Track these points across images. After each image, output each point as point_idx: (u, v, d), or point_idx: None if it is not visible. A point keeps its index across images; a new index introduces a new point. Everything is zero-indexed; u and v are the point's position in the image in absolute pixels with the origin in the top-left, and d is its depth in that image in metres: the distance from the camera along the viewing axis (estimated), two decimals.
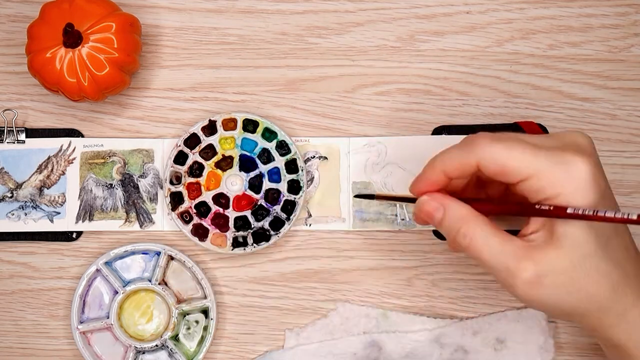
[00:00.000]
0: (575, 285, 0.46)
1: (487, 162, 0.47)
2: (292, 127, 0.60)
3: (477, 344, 0.58)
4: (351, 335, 0.59)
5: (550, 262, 0.45)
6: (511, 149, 0.46)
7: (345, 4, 0.61)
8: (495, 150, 0.46)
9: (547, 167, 0.45)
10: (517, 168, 0.46)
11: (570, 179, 0.45)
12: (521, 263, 0.45)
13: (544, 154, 0.46)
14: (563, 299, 0.46)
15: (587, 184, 0.45)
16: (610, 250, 0.46)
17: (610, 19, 0.60)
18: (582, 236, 0.46)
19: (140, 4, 0.61)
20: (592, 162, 0.46)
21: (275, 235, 0.58)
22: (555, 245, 0.46)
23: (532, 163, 0.46)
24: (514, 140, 0.47)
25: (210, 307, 0.58)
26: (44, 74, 0.55)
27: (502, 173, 0.47)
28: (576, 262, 0.45)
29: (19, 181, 0.60)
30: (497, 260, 0.46)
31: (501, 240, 0.46)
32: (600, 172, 0.47)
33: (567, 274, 0.45)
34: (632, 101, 0.60)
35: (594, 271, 0.46)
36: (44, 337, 0.60)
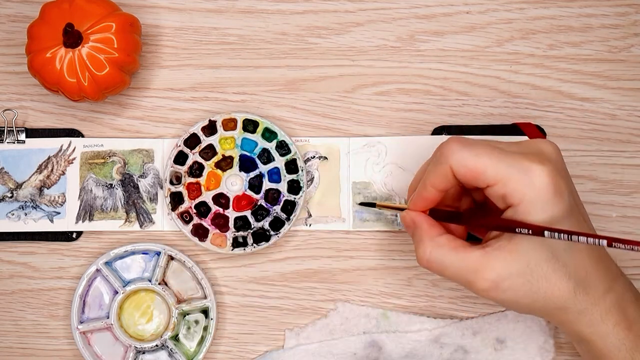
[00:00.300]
0: (533, 286, 0.47)
1: (457, 167, 0.48)
2: (292, 127, 0.60)
3: (477, 344, 0.58)
4: (351, 335, 0.59)
5: (507, 267, 0.47)
6: (478, 155, 0.48)
7: (345, 4, 0.61)
8: (464, 154, 0.48)
9: (511, 174, 0.47)
10: (483, 173, 0.47)
11: (531, 186, 0.47)
12: (477, 275, 0.48)
13: (509, 161, 0.47)
14: (523, 299, 0.48)
15: (549, 194, 0.46)
16: (571, 252, 0.48)
17: (610, 19, 0.60)
18: (539, 241, 0.47)
19: (140, 4, 0.61)
20: (553, 171, 0.47)
21: (275, 235, 0.58)
22: (513, 249, 0.47)
23: (498, 169, 0.47)
24: (482, 146, 0.48)
25: (210, 307, 0.58)
26: (44, 74, 0.55)
27: (471, 178, 0.48)
28: (533, 265, 0.47)
29: (19, 181, 0.60)
30: (457, 275, 0.49)
31: (458, 256, 0.48)
32: (563, 181, 0.47)
33: (524, 276, 0.47)
34: (632, 101, 0.60)
35: (551, 274, 0.47)
36: (44, 337, 0.60)
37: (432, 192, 0.50)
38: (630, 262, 0.59)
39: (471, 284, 0.48)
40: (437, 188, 0.50)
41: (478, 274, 0.47)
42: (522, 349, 0.58)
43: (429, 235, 0.50)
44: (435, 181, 0.50)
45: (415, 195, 0.52)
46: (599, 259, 0.49)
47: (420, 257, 0.50)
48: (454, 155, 0.48)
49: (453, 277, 0.49)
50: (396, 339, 0.59)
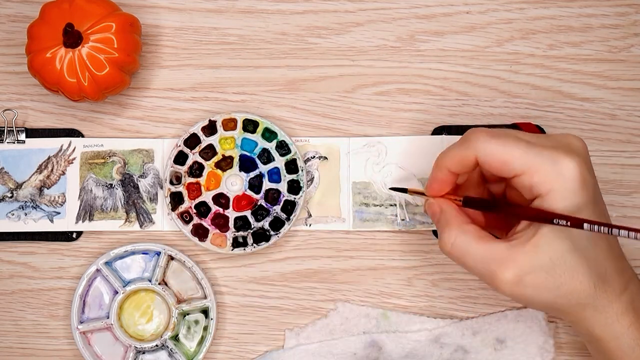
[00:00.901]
0: (555, 282, 0.47)
1: (484, 157, 0.48)
2: (292, 127, 0.60)
3: (477, 344, 0.58)
4: (351, 335, 0.59)
5: (530, 261, 0.47)
6: (506, 145, 0.48)
7: (345, 4, 0.61)
8: (492, 145, 0.48)
9: (540, 165, 0.47)
10: (511, 163, 0.48)
11: (560, 177, 0.47)
12: (501, 266, 0.47)
13: (537, 152, 0.47)
14: (543, 295, 0.48)
15: (576, 184, 0.47)
16: (592, 248, 0.48)
17: (610, 19, 0.60)
18: (562, 235, 0.47)
19: (140, 4, 0.61)
20: (582, 164, 0.47)
21: (275, 235, 0.58)
22: (537, 244, 0.47)
23: (526, 159, 0.47)
24: (510, 136, 0.48)
25: (210, 307, 0.58)
26: (44, 74, 0.55)
27: (498, 168, 0.48)
28: (555, 260, 0.47)
29: (19, 181, 0.60)
30: (479, 266, 0.48)
31: (483, 246, 0.48)
32: (590, 174, 0.48)
33: (547, 271, 0.47)
34: (632, 101, 0.60)
35: (574, 269, 0.47)
36: (44, 337, 0.60)
37: (446, 174, 0.51)
38: (631, 262, 0.59)
39: (493, 275, 0.47)
40: (451, 170, 0.50)
41: (502, 265, 0.47)
42: (522, 349, 0.58)
43: (457, 221, 0.50)
44: (452, 164, 0.50)
45: (430, 179, 0.52)
46: (617, 258, 0.49)
47: (445, 242, 0.49)
48: (481, 145, 0.48)
49: (474, 266, 0.49)
50: (396, 339, 0.59)
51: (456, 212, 0.51)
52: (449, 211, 0.51)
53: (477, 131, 0.49)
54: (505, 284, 0.47)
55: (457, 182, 0.52)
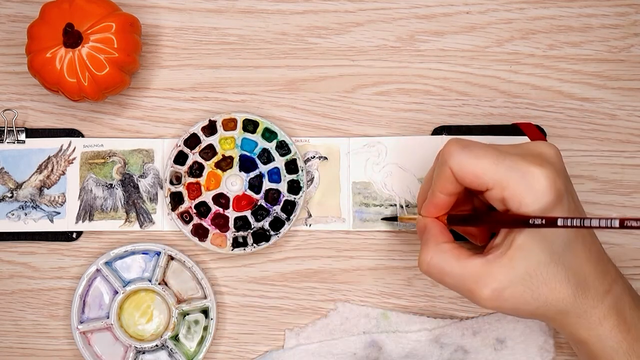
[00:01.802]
0: (534, 293, 0.47)
1: (457, 170, 0.48)
2: (292, 127, 0.60)
3: (477, 344, 0.58)
4: (351, 335, 0.59)
5: (506, 275, 0.47)
6: (477, 157, 0.47)
7: (345, 4, 0.61)
8: (463, 157, 0.48)
9: (509, 178, 0.47)
10: (482, 176, 0.47)
11: (529, 189, 0.46)
12: (479, 284, 0.47)
13: (508, 164, 0.47)
14: (524, 307, 0.48)
15: (545, 194, 0.46)
16: (570, 255, 0.48)
17: (610, 19, 0.60)
18: (537, 246, 0.47)
19: (140, 4, 0.61)
20: (553, 174, 0.46)
21: (275, 236, 0.58)
22: (512, 257, 0.47)
23: (496, 173, 0.47)
24: (481, 148, 0.48)
25: (210, 307, 0.58)
26: (44, 74, 0.55)
27: (470, 181, 0.48)
28: (532, 271, 0.47)
29: (19, 181, 0.60)
30: (457, 284, 0.48)
31: (459, 264, 0.48)
32: (563, 183, 0.47)
33: (525, 283, 0.47)
34: (632, 101, 0.60)
35: (551, 279, 0.47)
36: (44, 337, 0.60)
37: (441, 198, 0.50)
38: (631, 262, 0.59)
39: (472, 292, 0.48)
40: (445, 193, 0.50)
41: (479, 282, 0.47)
42: (522, 349, 0.58)
43: (435, 241, 0.50)
44: (441, 186, 0.50)
45: (427, 202, 0.52)
46: (598, 260, 0.49)
47: (422, 260, 0.50)
48: (453, 158, 0.48)
49: (453, 284, 0.49)
50: (396, 339, 0.59)
51: (437, 231, 0.51)
52: (431, 230, 0.51)
53: (450, 143, 0.49)
54: (484, 300, 0.47)
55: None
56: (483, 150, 0.48)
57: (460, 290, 0.49)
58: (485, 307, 0.48)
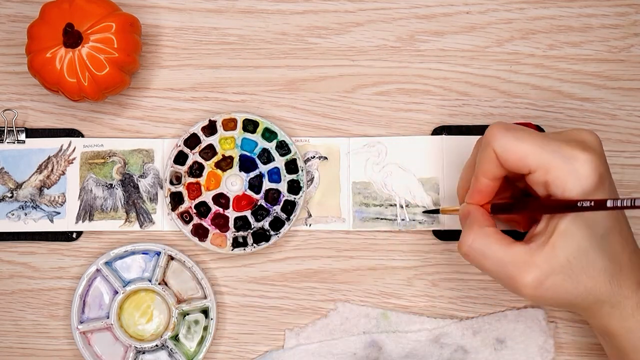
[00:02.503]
0: (574, 281, 0.47)
1: (501, 151, 0.48)
2: (292, 127, 0.60)
3: (477, 344, 0.58)
4: (351, 335, 0.59)
5: (549, 263, 0.47)
6: (522, 140, 0.47)
7: (345, 4, 0.61)
8: (507, 140, 0.48)
9: (553, 161, 0.47)
10: (526, 158, 0.47)
11: (574, 174, 0.46)
12: (521, 270, 0.47)
13: (552, 148, 0.47)
14: (563, 296, 0.48)
15: (589, 180, 0.46)
16: (607, 244, 0.48)
17: (610, 19, 0.60)
18: (578, 232, 0.47)
19: (140, 4, 0.61)
20: (597, 159, 0.47)
21: (275, 235, 0.58)
22: (554, 245, 0.47)
23: (540, 155, 0.47)
24: (525, 132, 0.48)
25: (210, 307, 0.58)
26: (44, 74, 0.55)
27: (514, 163, 0.48)
28: (572, 258, 0.47)
29: (19, 181, 0.60)
30: (498, 269, 0.48)
31: (502, 249, 0.48)
32: (605, 170, 0.48)
33: (565, 271, 0.47)
34: (632, 101, 0.60)
35: (590, 266, 0.47)
36: (44, 337, 0.60)
37: (485, 183, 0.50)
38: None
39: (513, 279, 0.47)
40: (488, 177, 0.50)
41: (521, 269, 0.47)
42: (522, 349, 0.58)
43: (478, 224, 0.50)
44: (485, 169, 0.50)
45: (471, 189, 0.51)
46: (633, 251, 0.49)
47: (463, 242, 0.49)
48: (497, 140, 0.48)
49: (493, 269, 0.48)
50: (396, 339, 0.59)
51: (480, 215, 0.50)
52: (475, 214, 0.51)
53: (494, 126, 0.49)
54: (526, 288, 0.47)
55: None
56: (527, 133, 0.48)
57: (499, 276, 0.48)
58: (525, 295, 0.48)
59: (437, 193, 0.59)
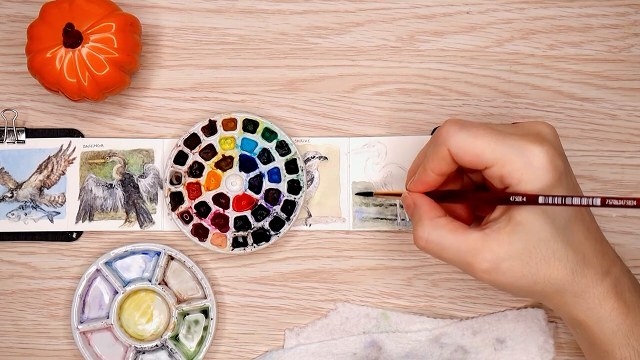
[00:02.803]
0: (532, 269, 0.47)
1: (455, 150, 0.48)
2: (292, 127, 0.60)
3: (477, 344, 0.58)
4: (351, 335, 0.59)
5: (505, 249, 0.47)
6: (476, 136, 0.47)
7: (345, 4, 0.61)
8: (462, 137, 0.48)
9: (508, 155, 0.47)
10: (482, 155, 0.47)
11: (528, 166, 0.46)
12: (477, 256, 0.47)
13: (506, 142, 0.47)
14: (520, 282, 0.48)
15: (544, 171, 0.46)
16: (569, 233, 0.48)
17: (610, 19, 0.60)
18: (538, 222, 0.47)
19: (140, 4, 0.61)
20: (552, 151, 0.47)
21: (275, 235, 0.58)
22: (512, 231, 0.47)
23: (495, 151, 0.47)
24: (480, 127, 0.48)
25: (210, 307, 0.58)
26: (44, 74, 0.55)
27: (469, 160, 0.48)
28: (531, 247, 0.47)
29: (19, 181, 0.60)
30: (455, 258, 0.48)
31: (457, 238, 0.48)
32: (560, 159, 0.47)
33: (523, 258, 0.47)
34: (632, 101, 0.60)
35: (551, 256, 0.47)
36: (44, 337, 0.60)
37: (432, 177, 0.50)
38: (631, 262, 0.59)
39: (470, 265, 0.48)
40: (436, 172, 0.50)
41: (477, 255, 0.47)
42: (522, 349, 0.58)
43: (428, 216, 0.50)
44: (434, 165, 0.50)
45: (416, 179, 0.51)
46: (597, 241, 0.49)
47: (419, 237, 0.49)
48: (451, 138, 0.48)
49: (451, 258, 0.49)
50: (396, 339, 0.59)
51: (428, 206, 0.50)
52: (422, 205, 0.50)
53: (448, 123, 0.49)
54: (482, 273, 0.47)
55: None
56: (482, 129, 0.48)
57: (457, 264, 0.49)
58: (482, 279, 0.48)
59: None
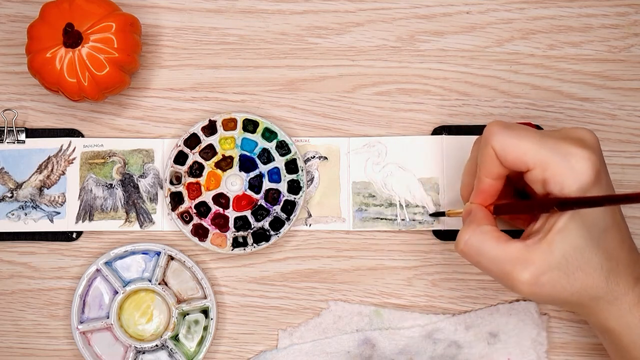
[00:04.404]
0: (570, 278, 0.47)
1: (500, 149, 0.48)
2: (292, 127, 0.60)
3: (470, 339, 0.58)
4: (344, 333, 0.59)
5: (545, 260, 0.47)
6: (520, 138, 0.48)
7: (345, 4, 0.61)
8: (505, 138, 0.48)
9: (551, 158, 0.47)
10: (523, 156, 0.48)
11: (572, 172, 0.47)
12: (517, 267, 0.47)
13: (549, 146, 0.47)
14: (559, 293, 0.48)
15: (588, 177, 0.47)
16: (604, 242, 0.48)
17: (610, 19, 0.60)
18: (575, 230, 0.47)
19: (140, 4, 0.61)
20: (594, 156, 0.47)
21: (275, 235, 0.58)
22: (551, 242, 0.47)
23: (538, 153, 0.47)
24: (522, 129, 0.48)
25: (210, 307, 0.58)
26: (44, 74, 0.55)
27: (513, 161, 0.48)
28: (569, 257, 0.47)
29: (19, 181, 0.60)
30: (494, 266, 0.48)
31: (498, 246, 0.48)
32: (603, 168, 0.48)
33: (561, 268, 0.47)
34: (632, 101, 0.60)
35: (587, 264, 0.47)
36: (44, 337, 0.60)
37: (488, 183, 0.50)
38: None
39: (509, 276, 0.48)
40: (490, 176, 0.50)
41: (517, 266, 0.47)
42: (515, 343, 0.58)
43: (477, 223, 0.50)
44: (486, 169, 0.50)
45: (475, 190, 0.52)
46: (629, 250, 0.50)
47: (460, 239, 0.49)
48: (495, 138, 0.48)
49: (489, 266, 0.49)
50: (389, 335, 0.59)
51: (481, 214, 0.51)
52: (477, 212, 0.51)
53: (492, 124, 0.49)
54: (522, 285, 0.47)
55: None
56: (524, 131, 0.48)
57: (495, 273, 0.49)
58: (521, 292, 0.48)
59: (437, 193, 0.59)
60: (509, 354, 0.58)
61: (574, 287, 0.48)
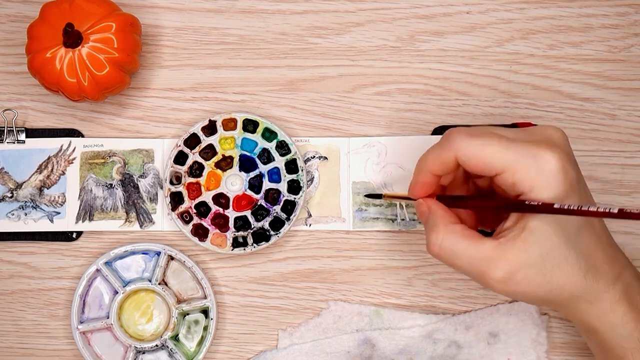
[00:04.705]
0: (546, 276, 0.47)
1: (464, 157, 0.48)
2: (292, 127, 0.60)
3: (470, 339, 0.58)
4: (344, 333, 0.59)
5: (520, 258, 0.47)
6: (485, 144, 0.47)
7: (345, 4, 0.61)
8: (471, 145, 0.48)
9: (519, 162, 0.47)
10: (491, 162, 0.47)
11: (540, 172, 0.46)
12: (491, 265, 0.47)
13: (517, 149, 0.47)
14: (535, 291, 0.48)
15: (557, 177, 0.46)
16: (580, 240, 0.48)
17: (610, 19, 0.60)
18: (550, 229, 0.47)
19: (140, 4, 0.61)
20: (562, 155, 0.47)
21: (275, 235, 0.58)
22: (525, 240, 0.47)
23: (505, 157, 0.47)
24: (489, 134, 0.48)
25: (210, 307, 0.58)
26: (44, 74, 0.55)
27: (479, 167, 0.48)
28: (545, 254, 0.47)
29: (19, 181, 0.60)
30: (469, 266, 0.48)
31: (471, 246, 0.48)
32: (571, 165, 0.47)
33: (537, 266, 0.47)
34: (632, 101, 0.60)
35: (563, 262, 0.47)
36: (44, 337, 0.60)
37: (429, 177, 0.50)
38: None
39: (484, 274, 0.47)
40: (434, 173, 0.50)
41: (491, 264, 0.47)
42: (515, 342, 0.58)
43: (443, 222, 0.49)
44: (434, 166, 0.50)
45: (412, 182, 0.52)
46: (608, 246, 0.50)
47: (432, 243, 0.49)
48: (461, 145, 0.48)
49: (464, 266, 0.48)
50: (389, 335, 0.59)
51: (442, 212, 0.50)
52: (437, 212, 0.50)
53: (456, 131, 0.49)
54: (496, 283, 0.47)
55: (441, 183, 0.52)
56: (490, 135, 0.48)
57: (470, 273, 0.48)
58: (496, 290, 0.48)
59: None
60: (509, 354, 0.58)
61: (550, 285, 0.47)
